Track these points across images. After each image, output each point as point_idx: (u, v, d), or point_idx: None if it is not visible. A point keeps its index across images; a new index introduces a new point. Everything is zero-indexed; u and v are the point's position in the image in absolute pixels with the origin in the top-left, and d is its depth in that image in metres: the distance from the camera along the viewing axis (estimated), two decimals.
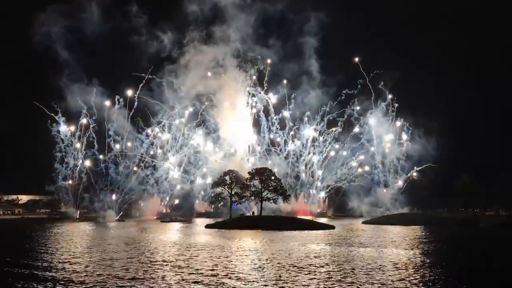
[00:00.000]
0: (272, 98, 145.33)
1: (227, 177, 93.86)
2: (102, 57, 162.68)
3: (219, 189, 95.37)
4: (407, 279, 25.24)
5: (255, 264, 31.02)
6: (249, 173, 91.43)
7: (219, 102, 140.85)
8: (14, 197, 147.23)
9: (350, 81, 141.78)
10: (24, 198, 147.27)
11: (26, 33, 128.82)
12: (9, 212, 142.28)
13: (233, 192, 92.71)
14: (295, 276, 25.86)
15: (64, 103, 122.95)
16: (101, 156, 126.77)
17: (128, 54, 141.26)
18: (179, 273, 26.91)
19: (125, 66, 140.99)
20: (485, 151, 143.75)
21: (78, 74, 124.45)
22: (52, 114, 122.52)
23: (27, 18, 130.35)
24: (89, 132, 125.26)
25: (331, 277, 25.61)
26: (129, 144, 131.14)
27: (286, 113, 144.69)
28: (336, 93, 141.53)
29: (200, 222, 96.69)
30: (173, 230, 72.44)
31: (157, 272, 27.46)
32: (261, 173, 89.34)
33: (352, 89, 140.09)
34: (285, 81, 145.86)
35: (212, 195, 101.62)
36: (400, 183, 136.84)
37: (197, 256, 35.27)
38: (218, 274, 26.66)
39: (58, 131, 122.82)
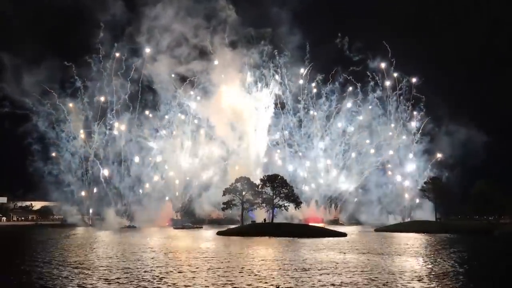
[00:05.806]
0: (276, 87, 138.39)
1: (238, 184, 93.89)
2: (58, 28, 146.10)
3: (230, 196, 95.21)
4: None
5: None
6: (260, 179, 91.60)
7: (209, 90, 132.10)
8: (28, 203, 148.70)
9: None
10: (37, 205, 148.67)
11: None
12: (22, 218, 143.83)
13: (244, 199, 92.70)
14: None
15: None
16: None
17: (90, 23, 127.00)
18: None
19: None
20: (502, 156, 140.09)
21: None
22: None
23: None
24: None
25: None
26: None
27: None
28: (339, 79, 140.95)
29: (214, 230, 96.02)
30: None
31: None
32: (273, 180, 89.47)
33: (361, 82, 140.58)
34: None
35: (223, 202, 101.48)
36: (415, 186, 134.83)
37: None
38: None
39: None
